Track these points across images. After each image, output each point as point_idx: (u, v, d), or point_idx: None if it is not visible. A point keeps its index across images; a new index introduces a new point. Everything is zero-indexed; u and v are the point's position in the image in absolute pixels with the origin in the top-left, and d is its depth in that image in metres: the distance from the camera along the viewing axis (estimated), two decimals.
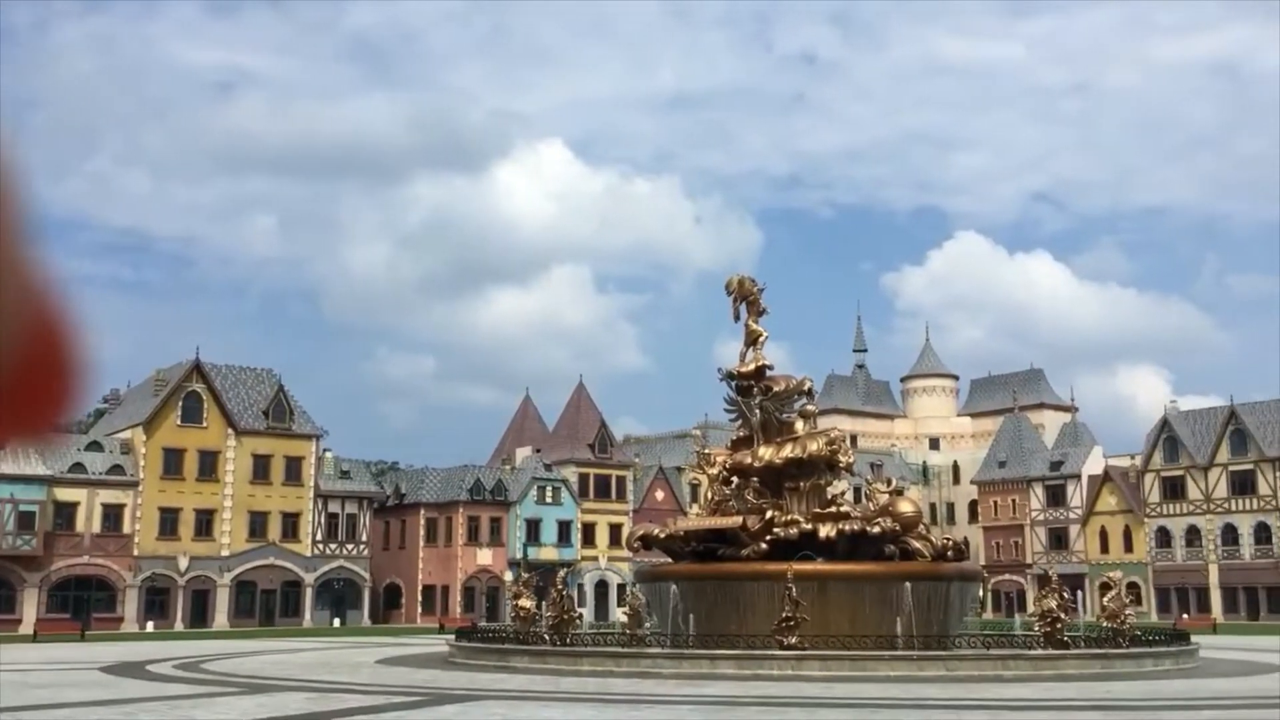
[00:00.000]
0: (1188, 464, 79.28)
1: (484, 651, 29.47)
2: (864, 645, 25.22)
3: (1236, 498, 76.88)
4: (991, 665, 25.21)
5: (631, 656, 26.53)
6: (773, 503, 30.56)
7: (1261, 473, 75.71)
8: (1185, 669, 27.06)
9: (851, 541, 29.05)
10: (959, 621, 30.29)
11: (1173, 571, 79.07)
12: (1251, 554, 75.56)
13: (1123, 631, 28.51)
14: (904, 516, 30.08)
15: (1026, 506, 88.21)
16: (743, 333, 33.25)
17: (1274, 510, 74.79)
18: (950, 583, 29.63)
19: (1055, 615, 27.26)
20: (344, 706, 19.22)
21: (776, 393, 32.20)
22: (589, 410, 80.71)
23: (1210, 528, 77.75)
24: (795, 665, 24.69)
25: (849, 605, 27.45)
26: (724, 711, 18.22)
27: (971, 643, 27.51)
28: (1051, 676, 24.42)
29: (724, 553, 30.02)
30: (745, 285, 33.31)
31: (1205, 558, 77.70)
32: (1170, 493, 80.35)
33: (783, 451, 30.85)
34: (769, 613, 26.17)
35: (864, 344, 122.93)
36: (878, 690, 21.43)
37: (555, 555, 72.80)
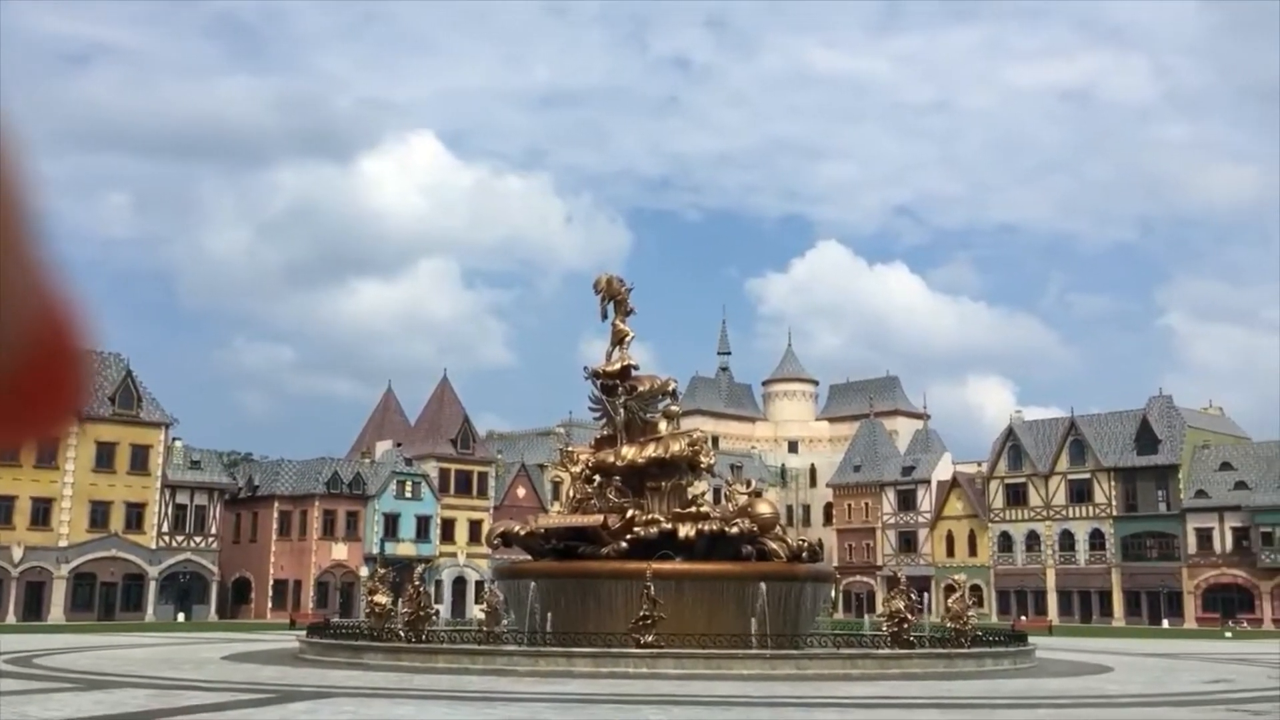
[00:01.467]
0: (1030, 472, 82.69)
1: (336, 648, 28.91)
2: (719, 644, 25.56)
3: (1074, 505, 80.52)
4: (841, 664, 25.85)
5: (488, 654, 26.36)
6: (634, 502, 30.74)
7: (1098, 482, 79.44)
8: (1022, 668, 28.20)
9: (710, 541, 29.42)
10: (811, 621, 30.97)
11: (1013, 575, 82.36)
12: (1086, 559, 79.23)
13: (965, 632, 29.54)
14: (762, 518, 30.59)
15: (879, 510, 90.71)
16: (610, 332, 33.36)
17: (1108, 518, 78.56)
18: (804, 583, 30.27)
19: (903, 616, 28.12)
20: (186, 704, 18.60)
21: (641, 392, 32.40)
22: (452, 405, 79.87)
23: (1049, 533, 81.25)
24: (651, 663, 24.89)
25: (706, 604, 27.79)
26: (579, 709, 18.25)
27: (822, 642, 28.18)
28: (897, 675, 25.16)
29: (584, 551, 30.07)
30: (613, 285, 33.43)
31: (1044, 562, 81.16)
32: (1013, 499, 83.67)
33: (645, 451, 31.07)
34: (627, 611, 26.32)
35: (728, 347, 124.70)
36: (731, 688, 21.76)
37: (413, 551, 71.80)
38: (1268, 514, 70.70)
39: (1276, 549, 70.29)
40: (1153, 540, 76.60)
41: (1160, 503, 76.41)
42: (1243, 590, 72.01)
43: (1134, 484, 77.88)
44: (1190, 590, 74.09)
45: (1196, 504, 74.49)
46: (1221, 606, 71.82)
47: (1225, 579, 72.81)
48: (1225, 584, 72.82)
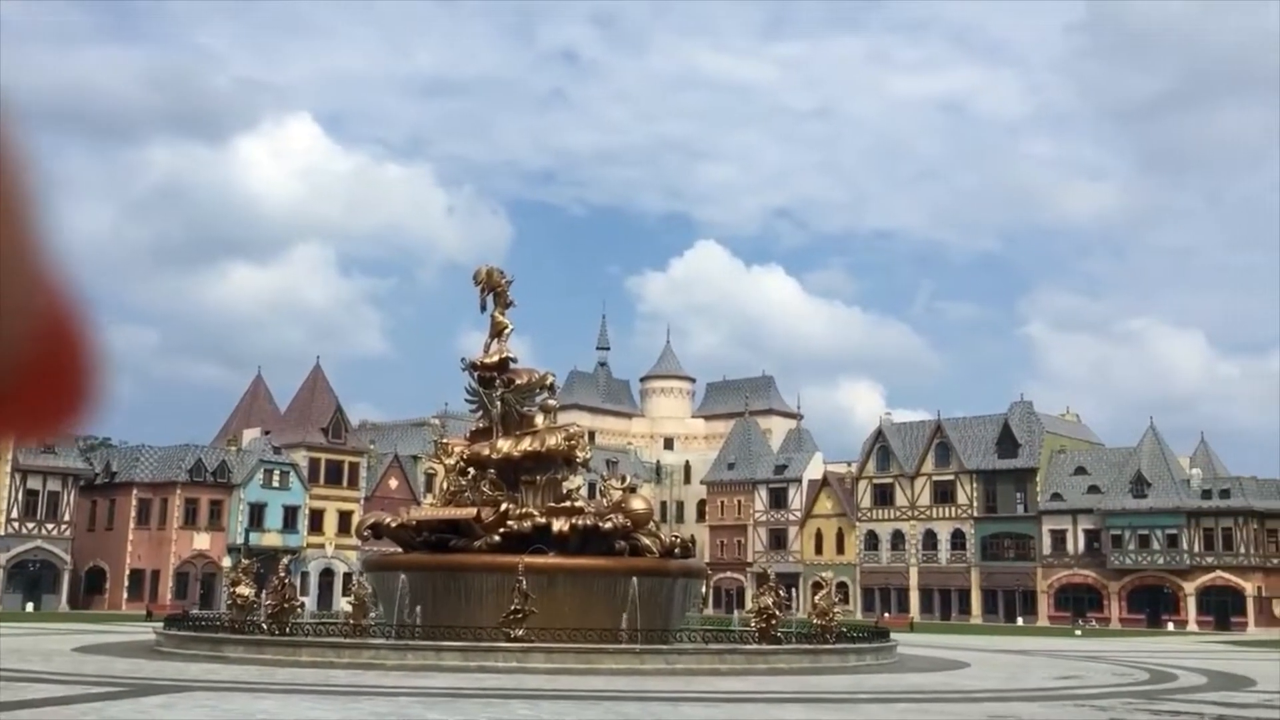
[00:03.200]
0: (897, 473, 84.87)
1: (195, 640, 28.04)
2: (589, 638, 25.57)
3: (938, 505, 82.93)
4: (710, 659, 26.13)
5: (354, 647, 25.89)
6: (508, 495, 30.54)
7: (960, 483, 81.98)
8: (884, 664, 28.91)
9: (584, 536, 29.41)
10: (682, 616, 31.22)
11: (878, 573, 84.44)
12: (948, 558, 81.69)
13: (830, 628, 30.15)
14: (635, 513, 30.70)
15: (751, 508, 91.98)
16: (488, 324, 33.08)
17: (969, 519, 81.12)
18: (675, 579, 30.49)
19: (771, 612, 28.56)
20: (34, 697, 17.79)
21: (518, 385, 32.21)
22: (324, 393, 78.20)
23: (913, 533, 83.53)
24: (521, 657, 24.76)
25: (578, 599, 27.77)
26: (446, 703, 18.05)
27: (692, 637, 28.44)
28: (764, 670, 25.54)
29: (457, 544, 29.76)
30: (493, 276, 33.13)
31: (907, 561, 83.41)
32: (880, 499, 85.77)
33: (521, 445, 30.90)
34: (499, 605, 26.14)
35: (607, 342, 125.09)
36: (601, 682, 21.79)
37: (279, 542, 70.06)
38: (1117, 517, 73.91)
39: (1125, 551, 73.53)
40: (1010, 541, 79.39)
41: (1018, 505, 79.23)
42: (1092, 590, 75.15)
43: (994, 486, 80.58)
44: (1044, 589, 77.01)
45: (1052, 506, 77.45)
46: (1072, 605, 74.84)
47: (1077, 579, 75.88)
48: (1076, 584, 75.90)
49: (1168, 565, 72.08)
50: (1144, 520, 72.97)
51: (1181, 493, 72.73)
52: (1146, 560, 72.90)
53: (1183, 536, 71.83)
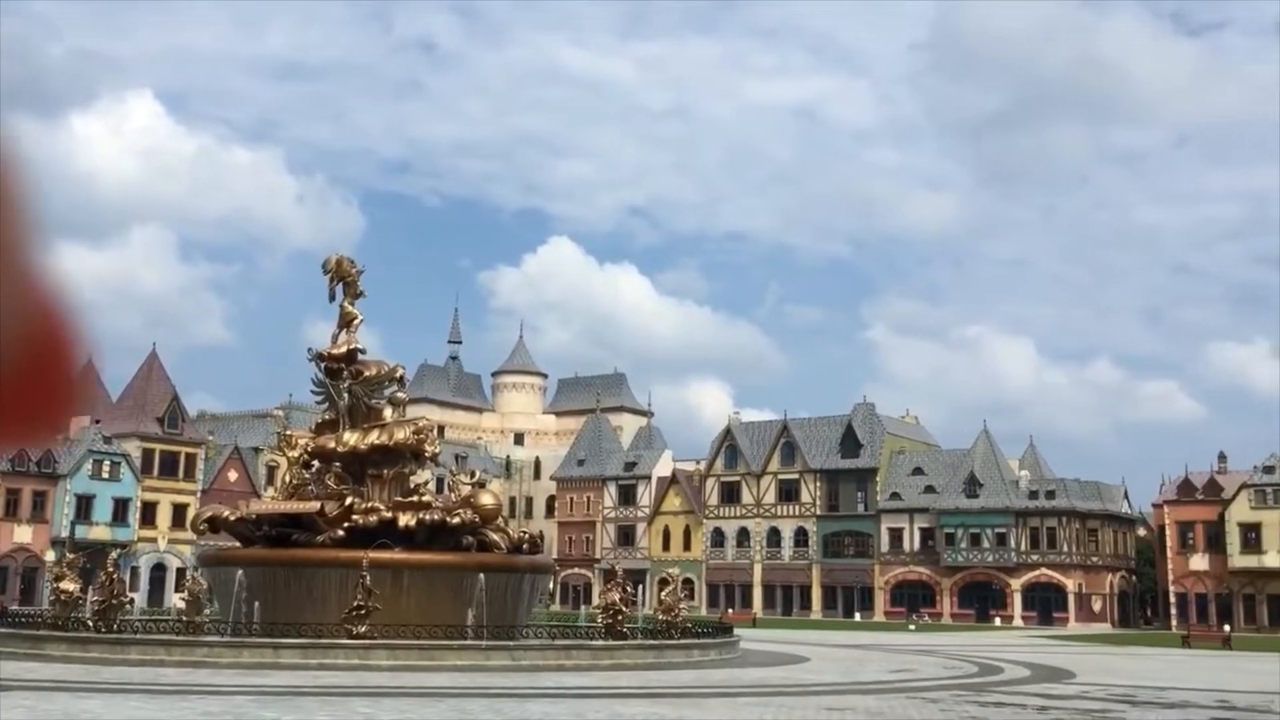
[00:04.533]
0: (744, 471, 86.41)
1: (13, 638, 26.61)
2: (434, 635, 25.25)
3: (782, 504, 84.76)
4: (555, 655, 26.10)
5: (186, 645, 24.97)
6: (354, 489, 29.92)
7: (805, 482, 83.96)
8: (727, 659, 29.39)
9: (431, 531, 29.03)
10: (529, 612, 31.12)
11: (724, 569, 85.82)
12: (791, 555, 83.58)
13: (676, 624, 30.49)
14: (484, 509, 30.46)
15: (600, 504, 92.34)
16: (337, 314, 32.33)
17: (812, 516, 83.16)
18: (523, 575, 30.37)
19: (617, 608, 28.71)
20: None
21: (367, 378, 31.57)
22: (160, 382, 75.20)
23: (758, 530, 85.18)
24: (363, 655, 24.29)
25: (424, 595, 27.40)
26: (283, 702, 17.56)
27: (538, 633, 28.36)
28: (610, 666, 25.65)
29: (299, 539, 29.00)
30: (343, 266, 32.39)
31: (752, 557, 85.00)
32: (727, 497, 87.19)
33: (369, 438, 30.30)
34: (342, 601, 25.59)
35: (459, 336, 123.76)
36: (445, 679, 21.55)
37: (108, 535, 67.13)
38: (951, 516, 76.83)
39: (957, 549, 76.49)
40: (851, 538, 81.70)
41: (859, 503, 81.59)
42: (926, 586, 77.95)
43: (837, 485, 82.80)
44: (881, 586, 79.52)
45: (891, 505, 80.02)
46: (907, 601, 77.48)
47: (912, 576, 78.58)
48: (912, 580, 78.60)
49: (997, 563, 75.26)
50: (976, 519, 76.03)
51: (1011, 494, 76.04)
52: (977, 558, 75.97)
53: (1011, 535, 75.10)
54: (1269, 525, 68.75)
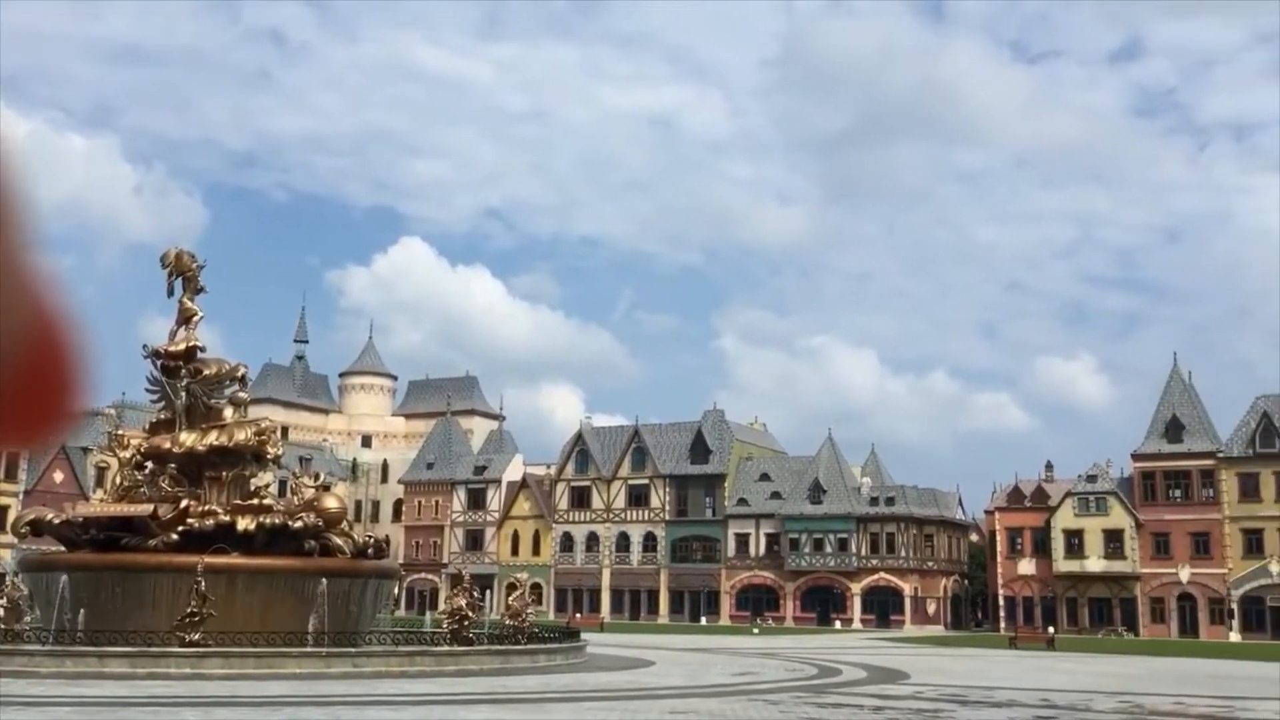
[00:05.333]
0: (595, 476, 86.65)
1: None
2: (271, 642, 24.53)
3: (632, 509, 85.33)
4: (399, 661, 25.66)
5: (3, 654, 23.66)
6: (190, 492, 28.85)
7: (655, 487, 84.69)
8: (574, 664, 29.38)
9: (271, 535, 28.19)
10: (373, 619, 30.53)
11: (573, 574, 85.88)
12: (639, 560, 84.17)
13: (523, 629, 30.37)
14: (328, 512, 29.75)
15: (449, 508, 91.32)
16: (176, 310, 31.15)
17: (661, 521, 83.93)
18: (367, 580, 29.77)
19: (463, 613, 28.41)
20: None
21: (206, 376, 30.48)
22: None
23: (608, 535, 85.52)
24: (196, 663, 23.42)
25: (262, 601, 26.59)
26: (107, 712, 16.81)
27: (381, 639, 27.84)
28: (454, 672, 25.35)
29: (129, 543, 27.79)
30: (183, 260, 31.22)
31: (601, 562, 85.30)
32: (577, 501, 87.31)
33: (207, 438, 29.26)
34: (175, 608, 24.63)
35: (306, 336, 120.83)
36: (283, 688, 20.95)
37: None
38: (795, 522, 78.56)
39: (800, 554, 78.25)
40: (699, 543, 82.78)
41: (708, 509, 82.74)
42: (771, 590, 79.51)
43: (686, 490, 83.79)
44: (727, 590, 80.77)
45: (738, 511, 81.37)
46: (752, 605, 78.90)
47: (757, 580, 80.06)
48: (757, 584, 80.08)
49: (838, 567, 77.28)
50: (819, 525, 77.92)
51: (853, 500, 78.20)
52: (820, 562, 77.87)
53: (852, 540, 77.23)
54: (1090, 532, 72.39)
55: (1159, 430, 72.67)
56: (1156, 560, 70.76)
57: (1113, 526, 71.83)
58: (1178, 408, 72.70)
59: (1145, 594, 70.81)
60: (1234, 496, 69.36)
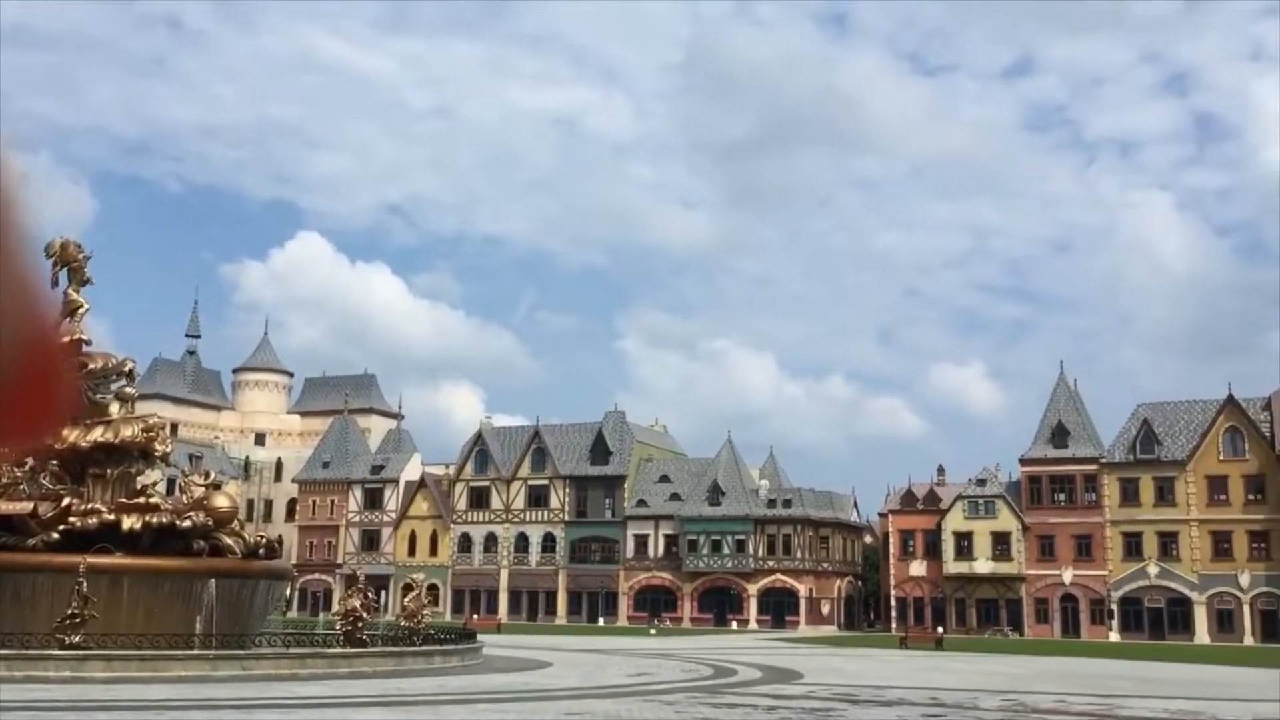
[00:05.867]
0: (494, 476, 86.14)
1: None
2: (156, 644, 23.88)
3: (532, 509, 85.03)
4: (289, 664, 25.18)
5: None
6: (73, 490, 27.95)
7: (554, 488, 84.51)
8: (470, 665, 29.18)
9: (158, 535, 27.45)
10: (263, 620, 29.93)
11: (470, 574, 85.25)
12: (538, 560, 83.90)
13: (418, 631, 30.06)
14: (218, 511, 29.07)
15: (345, 508, 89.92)
16: (61, 302, 30.12)
17: (561, 522, 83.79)
18: (258, 581, 29.16)
19: (357, 615, 28.00)
20: None
21: (92, 370, 29.54)
22: None
23: (506, 535, 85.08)
24: (76, 666, 22.68)
25: (147, 602, 25.87)
26: None
27: (271, 641, 27.30)
28: (347, 674, 24.98)
29: (7, 542, 26.79)
30: (68, 250, 30.22)
31: (499, 563, 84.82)
32: (476, 502, 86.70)
33: (91, 435, 28.34)
34: (55, 610, 23.81)
35: (198, 330, 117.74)
36: (168, 691, 20.41)
37: None
38: (694, 523, 79.10)
39: (698, 555, 78.81)
40: (598, 544, 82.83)
41: (607, 510, 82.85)
42: (668, 591, 79.93)
43: (586, 491, 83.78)
44: (625, 591, 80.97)
45: (637, 512, 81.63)
46: (650, 606, 79.21)
47: (655, 581, 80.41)
48: (655, 585, 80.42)
49: (735, 568, 78.02)
50: (717, 526, 78.57)
51: (751, 502, 79.02)
52: (717, 564, 78.53)
53: (750, 542, 78.03)
54: (979, 534, 74.27)
55: (1045, 436, 74.88)
56: (1041, 562, 72.89)
57: (1000, 529, 73.79)
58: (1063, 414, 75.00)
59: (1030, 595, 72.90)
60: (1115, 501, 71.80)
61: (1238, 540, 68.34)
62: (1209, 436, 70.02)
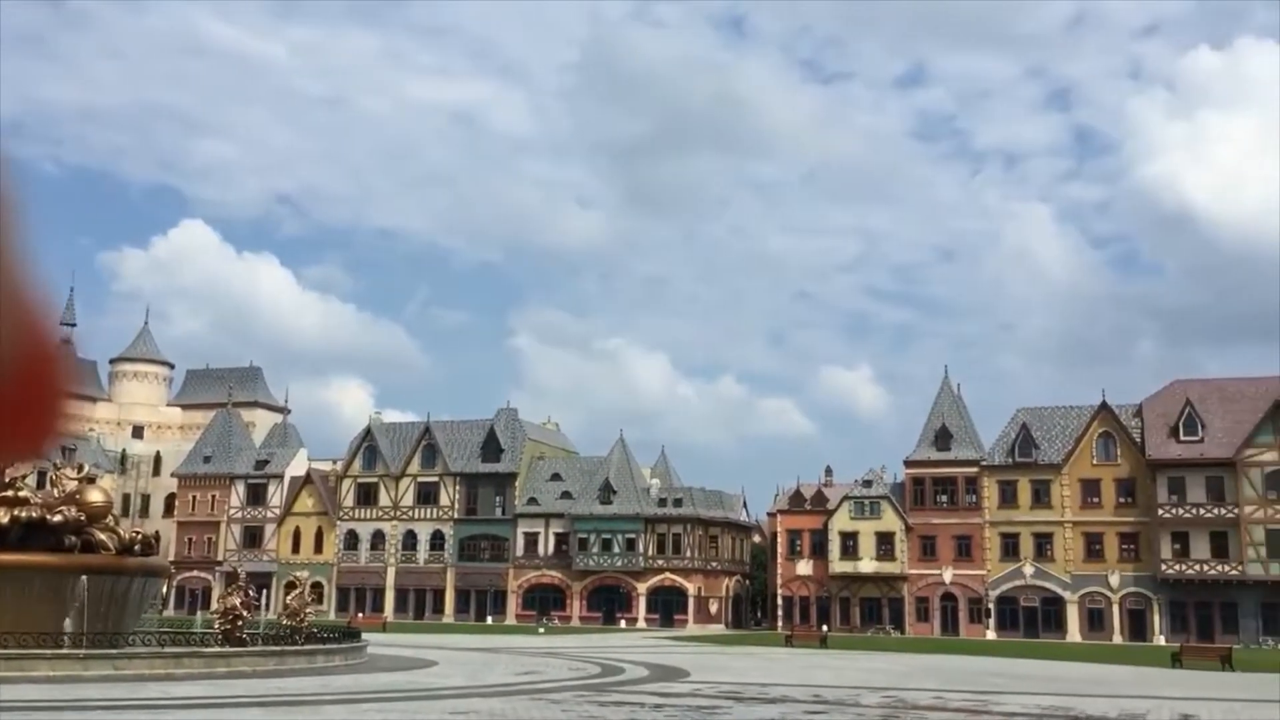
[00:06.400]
0: (383, 472, 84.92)
1: None
2: (23, 643, 22.96)
3: (420, 506, 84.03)
4: (164, 664, 24.46)
5: None
6: None
7: (444, 485, 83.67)
8: (354, 665, 28.69)
9: (27, 530, 26.41)
10: (138, 618, 29.01)
11: (356, 572, 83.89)
12: (426, 558, 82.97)
13: (301, 629, 29.45)
14: (91, 506, 28.10)
15: (226, 503, 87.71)
16: None
17: (450, 520, 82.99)
18: (133, 578, 28.27)
19: (237, 613, 27.33)
20: None
21: None
22: None
23: (394, 533, 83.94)
24: None
25: (15, 600, 24.88)
26: None
27: (146, 640, 26.49)
28: (225, 674, 24.35)
29: None
30: None
31: (386, 560, 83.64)
32: (364, 498, 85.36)
33: None
34: None
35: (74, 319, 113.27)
36: (35, 692, 19.63)
37: None
38: (585, 522, 79.08)
39: (589, 554, 78.82)
40: (487, 542, 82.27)
41: (498, 508, 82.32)
42: (558, 589, 79.77)
43: (477, 489, 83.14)
44: (514, 589, 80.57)
45: (528, 510, 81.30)
46: (539, 604, 78.95)
47: (545, 579, 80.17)
48: (544, 584, 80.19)
49: (625, 567, 78.23)
50: (608, 525, 78.68)
51: (642, 501, 79.31)
52: (607, 562, 78.64)
53: (640, 541, 78.32)
54: (865, 534, 75.73)
55: (929, 439, 76.69)
56: (923, 562, 74.63)
57: (885, 529, 75.32)
58: (947, 418, 76.92)
59: (912, 594, 74.58)
60: (994, 502, 73.91)
61: (1109, 542, 70.92)
62: (1083, 441, 72.51)
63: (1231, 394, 71.15)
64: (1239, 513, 67.33)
